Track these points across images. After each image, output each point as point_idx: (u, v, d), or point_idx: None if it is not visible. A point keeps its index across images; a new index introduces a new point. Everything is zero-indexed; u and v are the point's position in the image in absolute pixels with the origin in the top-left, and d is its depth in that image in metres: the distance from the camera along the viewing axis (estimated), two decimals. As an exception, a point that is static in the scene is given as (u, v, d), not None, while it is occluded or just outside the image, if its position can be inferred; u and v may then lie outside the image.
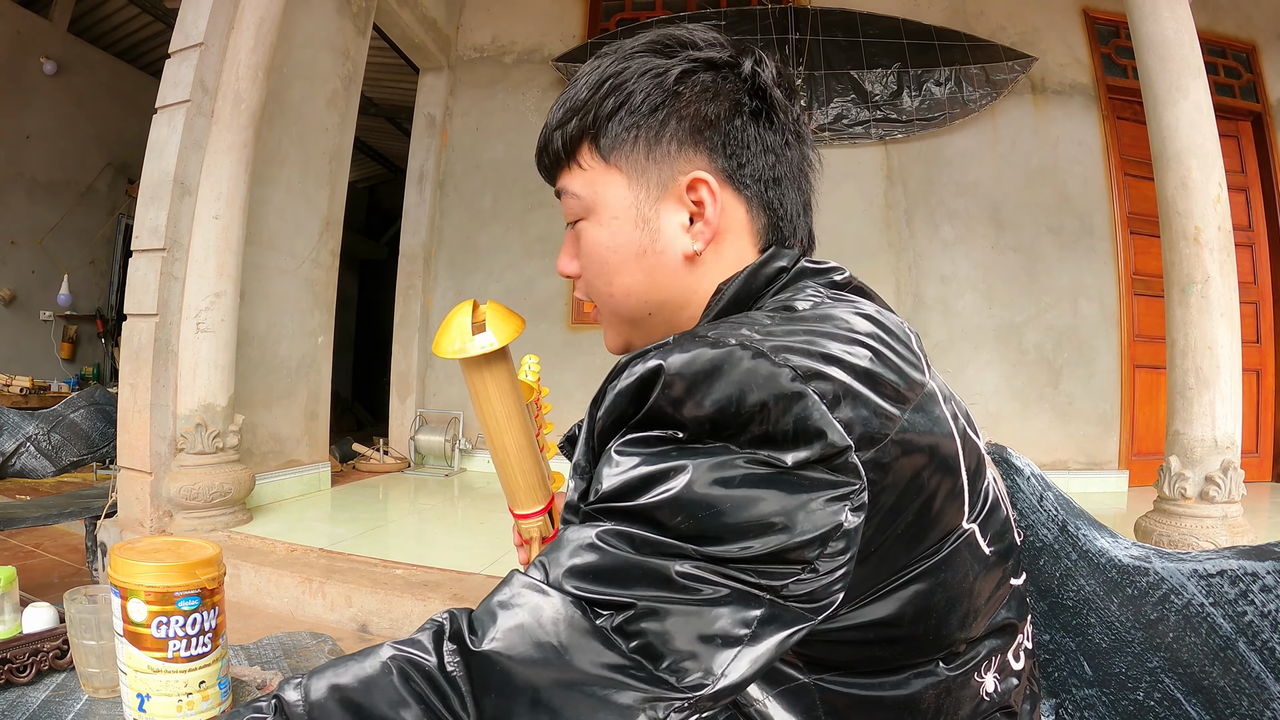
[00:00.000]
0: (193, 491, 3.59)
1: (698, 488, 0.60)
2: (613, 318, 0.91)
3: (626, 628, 0.58)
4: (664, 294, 0.86)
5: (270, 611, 3.09)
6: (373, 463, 5.86)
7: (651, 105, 0.82)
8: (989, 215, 5.87)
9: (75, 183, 8.16)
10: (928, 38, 5.96)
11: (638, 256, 0.85)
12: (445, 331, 0.99)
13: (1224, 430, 3.38)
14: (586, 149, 0.85)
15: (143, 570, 1.06)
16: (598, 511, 0.64)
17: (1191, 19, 3.59)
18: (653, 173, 0.83)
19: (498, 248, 6.22)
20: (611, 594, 0.59)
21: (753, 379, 0.62)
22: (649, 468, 0.62)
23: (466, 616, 0.62)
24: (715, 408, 0.62)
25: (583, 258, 0.88)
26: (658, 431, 0.64)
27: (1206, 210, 3.43)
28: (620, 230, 0.85)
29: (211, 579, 1.11)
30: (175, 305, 3.71)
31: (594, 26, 6.38)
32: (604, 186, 0.84)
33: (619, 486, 0.63)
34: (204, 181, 3.76)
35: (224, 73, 3.85)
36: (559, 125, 0.86)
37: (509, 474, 1.07)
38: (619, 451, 0.65)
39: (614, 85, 0.83)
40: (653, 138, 0.82)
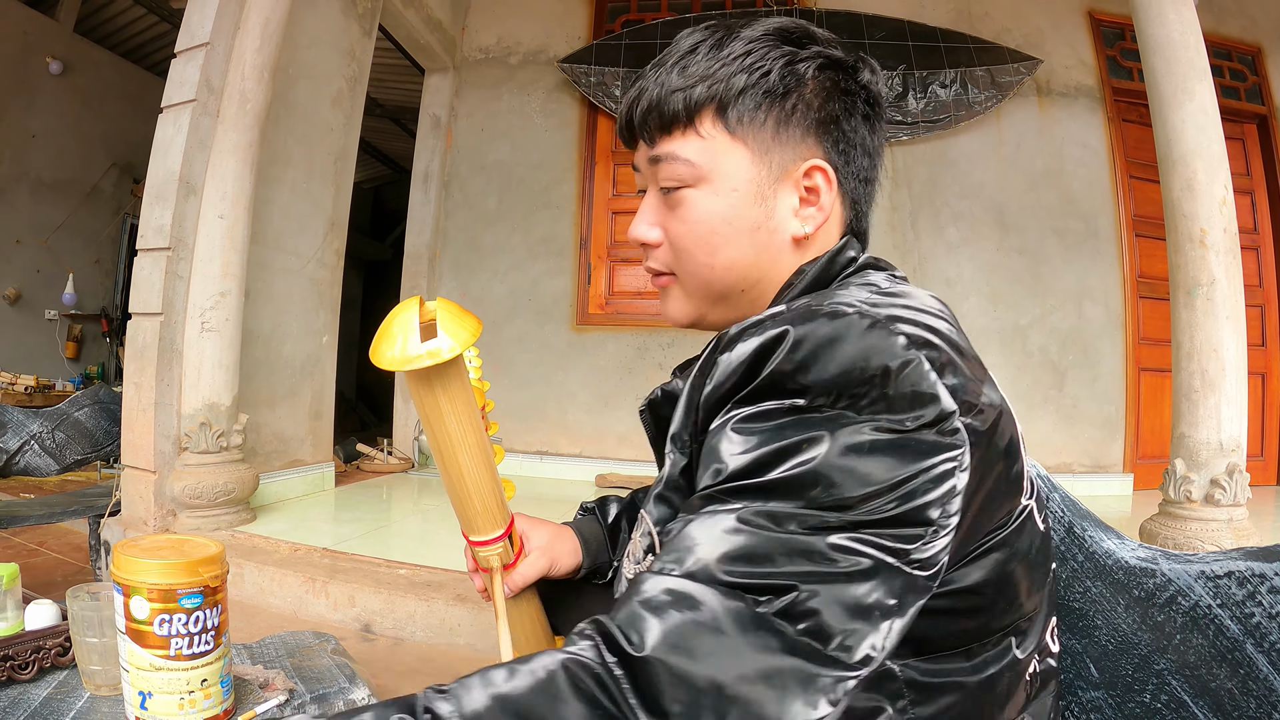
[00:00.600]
0: (197, 490, 3.59)
1: (832, 457, 0.62)
2: (700, 290, 0.91)
3: (792, 610, 0.58)
4: (763, 272, 0.88)
5: (273, 611, 3.09)
6: (376, 463, 5.86)
7: (785, 89, 0.84)
8: (994, 217, 5.86)
9: (80, 182, 8.18)
10: (933, 40, 5.94)
11: (751, 231, 0.86)
12: (385, 335, 0.83)
13: (1229, 433, 3.36)
14: (710, 117, 0.85)
15: (146, 568, 1.07)
16: (727, 492, 0.64)
17: (1197, 21, 3.57)
18: (776, 153, 0.85)
19: (502, 248, 6.21)
20: (768, 577, 0.59)
21: (872, 346, 0.64)
22: (779, 442, 0.63)
23: (613, 625, 0.59)
24: (839, 373, 0.64)
25: (682, 225, 0.88)
26: (775, 401, 0.66)
27: (1212, 212, 3.42)
28: (739, 203, 0.85)
29: (214, 577, 1.11)
30: (180, 304, 3.71)
31: (599, 28, 6.38)
32: (725, 157, 0.85)
33: (750, 463, 0.64)
34: (209, 181, 3.76)
35: (229, 73, 3.85)
36: (681, 88, 0.85)
37: (463, 497, 0.97)
38: (740, 427, 0.66)
39: (749, 63, 0.84)
40: (782, 120, 0.85)
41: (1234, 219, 3.46)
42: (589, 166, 6.20)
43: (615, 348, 5.89)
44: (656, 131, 0.88)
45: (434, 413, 0.88)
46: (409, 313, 0.84)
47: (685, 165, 0.86)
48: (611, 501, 1.30)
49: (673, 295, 0.94)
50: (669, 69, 0.87)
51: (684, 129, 0.86)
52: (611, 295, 6.11)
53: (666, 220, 0.90)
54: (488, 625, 2.74)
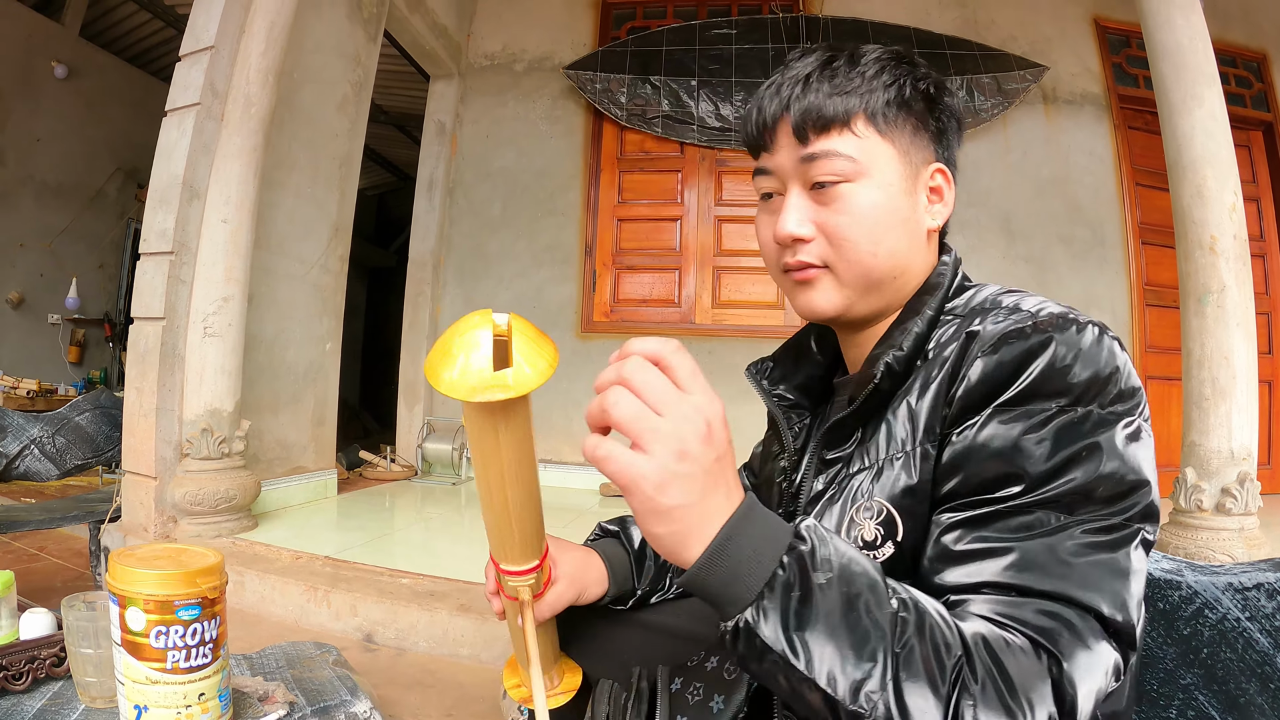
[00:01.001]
0: (198, 497, 3.56)
1: (1119, 458, 0.74)
2: (857, 279, 0.96)
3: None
4: (908, 261, 0.97)
5: (275, 619, 3.06)
6: (379, 470, 5.84)
7: (915, 100, 0.95)
8: (1000, 225, 5.84)
9: (85, 186, 8.18)
10: (939, 47, 5.94)
11: (904, 222, 0.96)
12: (445, 354, 0.72)
13: (1240, 441, 3.34)
14: (863, 120, 0.94)
15: (142, 578, 1.04)
16: (1046, 503, 0.73)
17: (1205, 27, 3.56)
18: (913, 154, 0.96)
19: (507, 255, 6.20)
20: (1122, 609, 0.71)
21: (1101, 350, 0.77)
22: (1069, 448, 0.74)
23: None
24: (1091, 376, 0.76)
25: (842, 217, 0.94)
26: (1042, 403, 0.76)
27: (1222, 219, 3.40)
28: (894, 196, 0.95)
29: (213, 588, 1.09)
30: (183, 309, 3.69)
31: (605, 35, 6.39)
32: (879, 155, 0.94)
33: (1051, 470, 0.74)
34: (213, 185, 3.75)
35: (234, 76, 3.84)
36: (837, 93, 0.94)
37: (503, 528, 0.90)
38: (1026, 429, 0.76)
39: (885, 78, 0.94)
40: (914, 126, 0.96)
41: (1244, 225, 3.44)
42: (594, 174, 6.19)
43: (620, 356, 5.79)
44: (812, 132, 0.94)
45: (489, 444, 0.79)
46: (478, 330, 0.72)
47: (846, 161, 0.93)
48: (633, 523, 1.28)
49: (823, 286, 0.99)
50: (817, 79, 0.95)
51: (840, 129, 0.94)
52: (617, 303, 6.09)
53: (819, 215, 0.96)
54: (491, 637, 2.71)
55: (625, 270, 6.11)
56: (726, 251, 6.03)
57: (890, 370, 0.91)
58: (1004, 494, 0.75)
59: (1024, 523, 0.73)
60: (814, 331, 1.19)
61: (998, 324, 0.82)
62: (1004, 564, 0.72)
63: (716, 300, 5.99)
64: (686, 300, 6.01)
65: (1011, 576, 0.71)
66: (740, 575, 0.67)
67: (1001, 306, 0.87)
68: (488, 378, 0.69)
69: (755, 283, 5.95)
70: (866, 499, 0.89)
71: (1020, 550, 0.72)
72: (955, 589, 0.74)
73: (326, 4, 4.68)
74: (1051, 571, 0.70)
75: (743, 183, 6.03)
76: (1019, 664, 0.65)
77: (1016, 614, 0.69)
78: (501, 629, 2.69)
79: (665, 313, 6.03)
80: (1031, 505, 0.73)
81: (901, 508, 0.85)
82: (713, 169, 6.10)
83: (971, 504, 0.77)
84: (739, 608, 0.67)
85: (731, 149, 5.99)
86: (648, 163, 6.20)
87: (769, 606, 0.66)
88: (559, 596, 1.09)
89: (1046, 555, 0.71)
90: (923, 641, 0.65)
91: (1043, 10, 6.16)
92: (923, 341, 0.92)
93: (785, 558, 0.67)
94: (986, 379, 0.79)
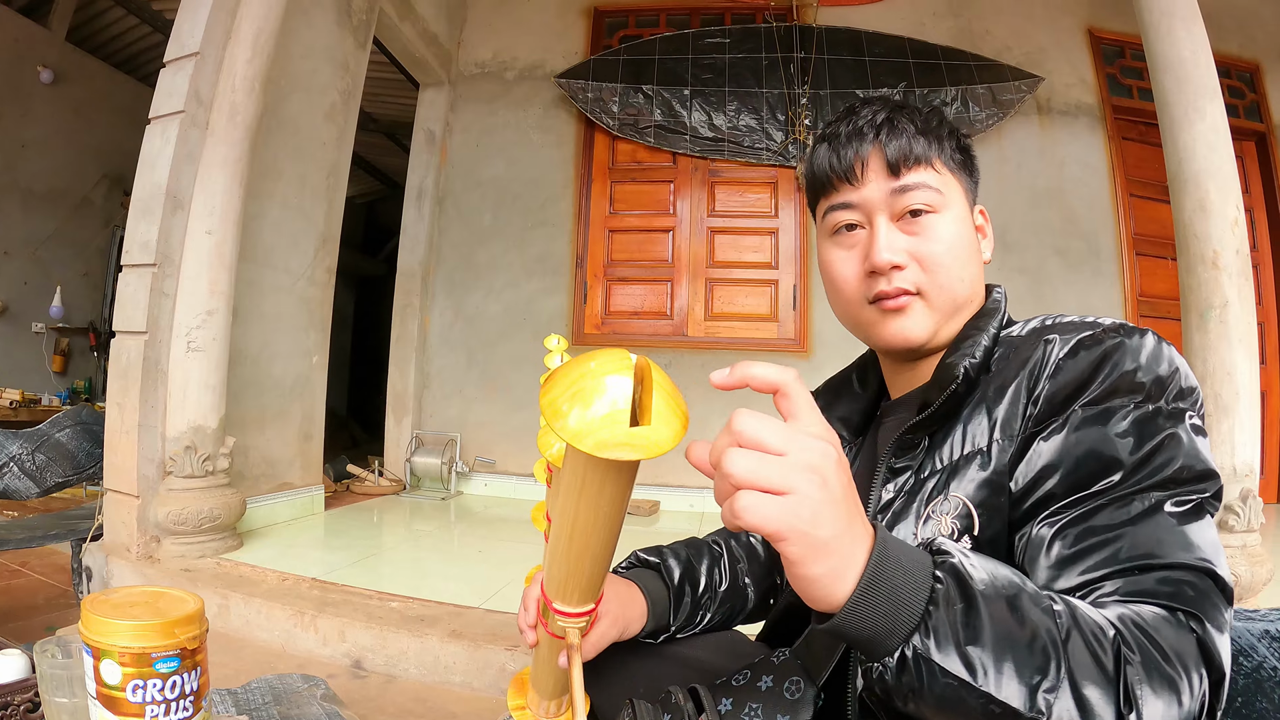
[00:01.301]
0: (181, 516, 3.48)
1: (1193, 446, 0.80)
2: (946, 303, 1.04)
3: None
4: (979, 289, 1.07)
5: (260, 644, 2.98)
6: (367, 485, 5.75)
7: (964, 150, 1.09)
8: (995, 236, 5.75)
9: (71, 193, 8.08)
10: (934, 57, 5.93)
11: (976, 252, 1.07)
12: (575, 395, 0.64)
13: (1243, 458, 3.30)
14: (939, 159, 1.05)
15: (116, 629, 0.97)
16: (1143, 489, 0.78)
17: (1207, 39, 3.54)
18: (969, 194, 1.09)
19: (497, 266, 6.13)
20: (1223, 567, 0.76)
21: (1162, 352, 0.85)
22: (1153, 439, 0.80)
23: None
24: (1159, 375, 0.83)
25: (935, 245, 1.03)
26: (1119, 400, 0.83)
27: (1225, 233, 3.37)
28: (966, 228, 1.06)
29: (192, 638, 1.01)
30: (166, 323, 3.61)
31: (597, 43, 6.34)
32: (954, 190, 1.06)
33: (1141, 460, 0.79)
34: (197, 195, 3.67)
35: (220, 84, 3.77)
36: (921, 132, 1.04)
37: (573, 571, 0.86)
38: (1111, 424, 0.82)
39: (948, 127, 1.08)
40: (965, 170, 1.09)
41: (1246, 240, 3.41)
42: (585, 184, 6.13)
43: (611, 368, 5.74)
44: (904, 165, 1.03)
45: (589, 494, 0.74)
46: (618, 377, 0.65)
47: (934, 193, 1.03)
48: (670, 556, 1.30)
49: (916, 312, 1.04)
50: (902, 121, 1.04)
51: (926, 165, 1.04)
52: (608, 314, 6.03)
53: (910, 244, 1.03)
54: (483, 663, 2.63)
55: (617, 282, 6.05)
56: (719, 263, 5.99)
57: (967, 375, 0.96)
58: (1102, 486, 0.80)
59: (1127, 510, 0.77)
60: (858, 368, 1.26)
61: (1071, 332, 0.90)
62: (1119, 549, 0.75)
63: (709, 312, 5.94)
64: (679, 312, 5.95)
65: (1128, 558, 0.75)
66: (900, 598, 0.64)
67: (1061, 322, 0.95)
68: (621, 434, 0.62)
69: (748, 295, 5.91)
70: (943, 497, 0.94)
71: (1130, 534, 0.76)
72: (1078, 587, 0.76)
73: (315, 10, 4.62)
74: (1163, 545, 0.75)
75: (735, 194, 6.01)
76: (1165, 633, 0.68)
77: (1143, 587, 0.72)
78: (494, 656, 2.62)
79: (657, 325, 5.98)
80: (1130, 493, 0.78)
81: (979, 502, 0.90)
82: (705, 180, 6.05)
83: (1073, 504, 0.81)
84: (901, 636, 0.64)
85: (724, 160, 5.96)
86: (640, 173, 6.15)
87: (937, 625, 0.64)
88: (603, 636, 1.08)
89: (1155, 532, 0.75)
90: (1081, 631, 0.65)
91: (1037, 20, 6.17)
92: (988, 355, 0.99)
93: (938, 571, 0.67)
94: (1069, 380, 0.86)
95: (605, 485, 0.73)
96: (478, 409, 6.01)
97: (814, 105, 5.83)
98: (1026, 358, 0.91)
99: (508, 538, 4.29)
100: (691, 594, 1.25)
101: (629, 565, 1.28)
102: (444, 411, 6.11)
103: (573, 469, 0.74)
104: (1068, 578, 0.77)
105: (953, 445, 0.96)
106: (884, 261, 1.01)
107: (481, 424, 5.96)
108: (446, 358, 6.16)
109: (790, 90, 5.88)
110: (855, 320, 1.10)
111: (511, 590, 3.19)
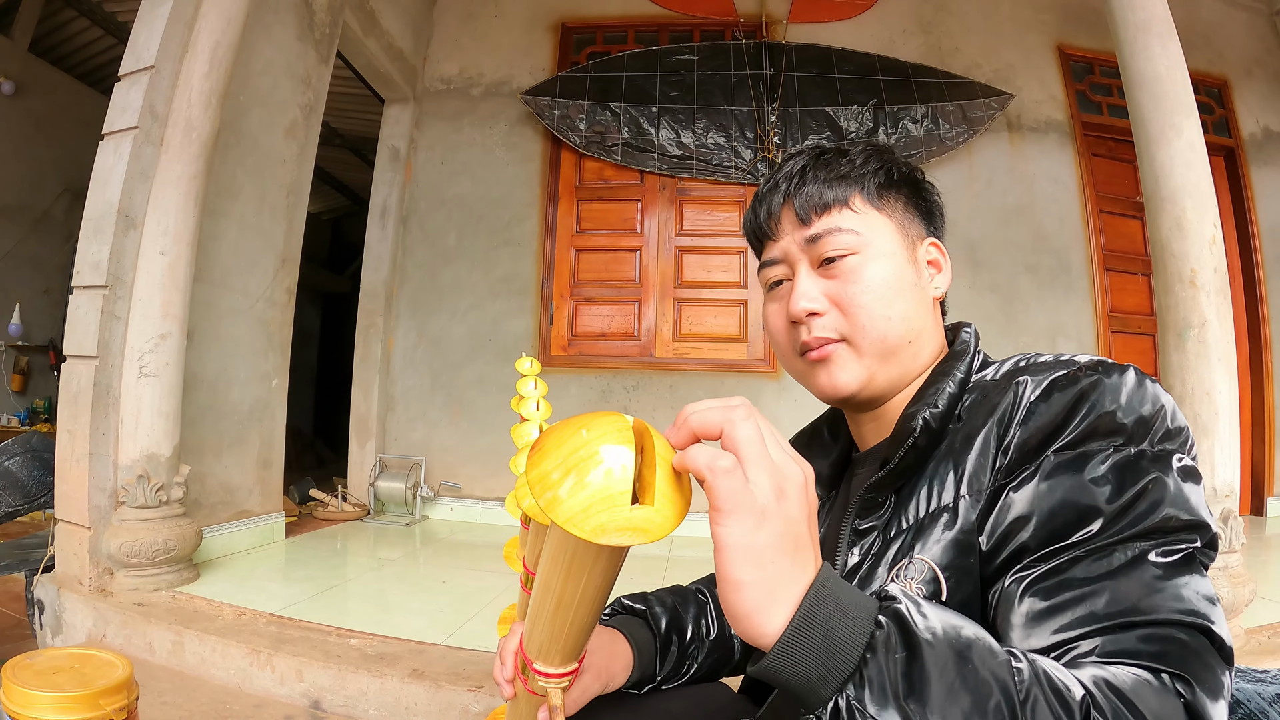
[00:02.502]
0: (134, 548, 3.34)
1: (1180, 492, 0.75)
2: (874, 346, 1.00)
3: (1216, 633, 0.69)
4: (920, 326, 1.02)
5: (216, 683, 2.85)
6: (330, 510, 5.62)
7: (901, 180, 1.05)
8: (965, 254, 5.83)
9: (30, 208, 7.92)
10: (903, 74, 5.95)
11: (912, 288, 1.02)
12: (566, 468, 0.56)
13: (1224, 479, 3.27)
14: (859, 198, 1.02)
15: (39, 701, 0.90)
16: (1124, 540, 0.72)
17: (1182, 56, 3.53)
18: (908, 227, 1.05)
19: (462, 286, 6.04)
20: (1219, 624, 0.69)
21: (1144, 391, 0.80)
22: (1134, 486, 0.74)
23: None
24: (1140, 416, 0.78)
25: (855, 288, 0.99)
26: (1096, 444, 0.77)
27: (1202, 252, 3.34)
28: (898, 264, 1.01)
29: (120, 709, 0.94)
30: (117, 347, 3.49)
31: (564, 60, 6.28)
32: (878, 227, 1.02)
33: (1121, 508, 0.74)
34: (150, 214, 3.56)
35: (175, 99, 3.66)
36: (832, 178, 1.03)
37: (555, 633, 0.79)
38: (1095, 477, 0.76)
39: (874, 163, 1.04)
40: (905, 203, 1.05)
41: (1223, 258, 3.39)
42: (552, 203, 6.06)
43: (578, 390, 5.74)
44: (814, 213, 1.03)
45: (579, 567, 0.69)
46: (616, 448, 0.57)
47: (849, 234, 1.00)
48: (656, 603, 1.26)
49: (842, 359, 1.01)
50: (812, 168, 1.04)
51: (840, 208, 1.02)
52: (574, 336, 5.95)
53: (830, 289, 1.01)
54: (445, 705, 2.52)
55: (583, 302, 5.98)
56: (687, 283, 5.93)
57: (927, 427, 0.91)
58: (1079, 536, 0.74)
59: (1107, 562, 0.72)
60: (828, 419, 1.22)
61: (1044, 373, 0.85)
62: (1098, 604, 0.70)
63: (677, 333, 5.88)
64: (646, 333, 5.89)
65: (1108, 614, 0.69)
66: (835, 645, 0.60)
67: (1037, 361, 0.90)
68: (622, 518, 0.56)
69: (717, 315, 5.86)
70: (908, 560, 0.89)
71: (1110, 588, 0.70)
72: (1052, 647, 0.70)
73: (276, 24, 4.52)
74: (1148, 598, 0.69)
75: (704, 212, 5.96)
76: (1146, 696, 0.62)
77: (1124, 646, 0.66)
78: (457, 697, 2.52)
79: (625, 346, 5.91)
80: (1111, 544, 0.72)
81: (945, 565, 0.85)
82: (673, 198, 6.00)
83: (1048, 555, 0.75)
84: (834, 684, 0.60)
85: (693, 178, 5.92)
86: (607, 191, 6.09)
87: (873, 674, 0.60)
88: (585, 691, 1.05)
89: (1139, 585, 0.70)
90: (1043, 689, 0.60)
91: (1007, 38, 6.23)
92: (954, 403, 0.93)
93: (881, 616, 0.63)
94: (1041, 425, 0.81)
95: (598, 563, 0.68)
96: (442, 432, 5.92)
97: (783, 123, 5.81)
98: (996, 404, 0.87)
99: (473, 566, 4.19)
100: (679, 643, 1.23)
101: (612, 612, 1.24)
102: (408, 435, 6.01)
103: (561, 545, 0.68)
104: (1040, 636, 0.71)
105: (918, 503, 0.92)
106: (799, 310, 1.01)
107: (446, 447, 5.87)
108: (410, 380, 6.06)
109: (759, 108, 5.85)
110: (794, 373, 1.09)
111: (475, 625, 3.08)
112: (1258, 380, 6.26)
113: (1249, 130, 6.50)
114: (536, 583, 0.78)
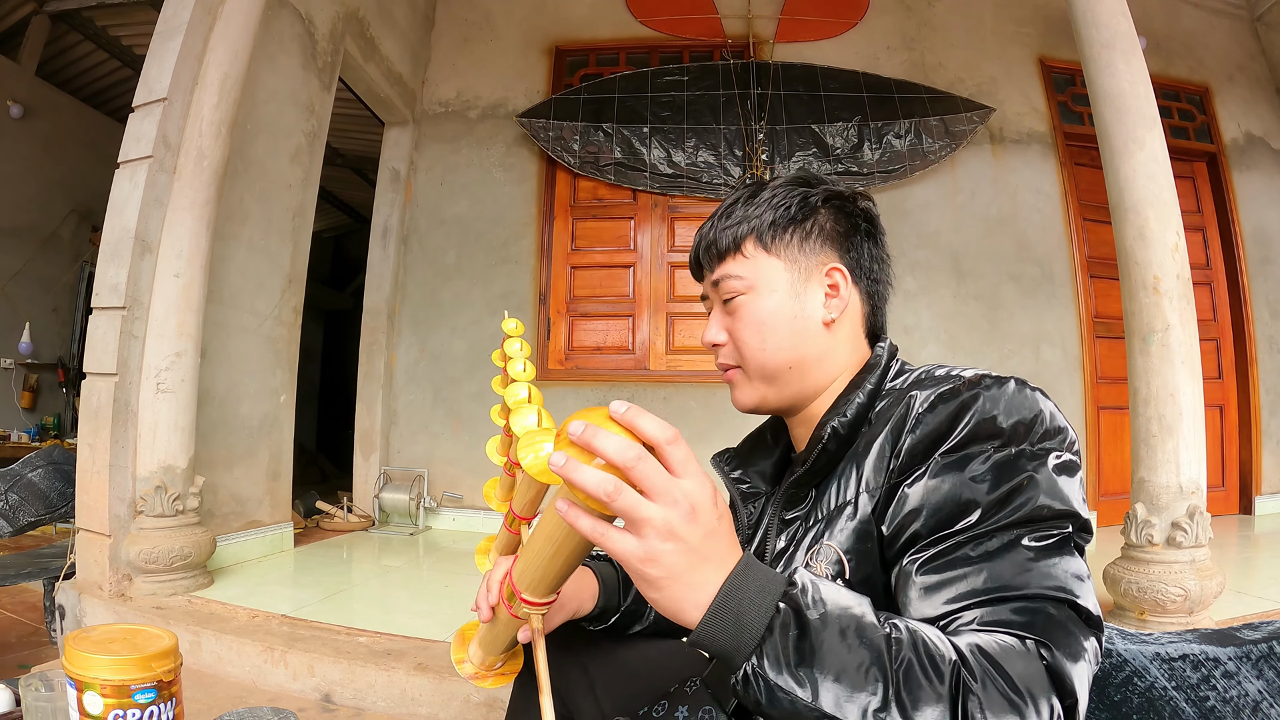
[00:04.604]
0: (152, 555, 3.51)
1: (1053, 485, 0.86)
2: (757, 373, 1.16)
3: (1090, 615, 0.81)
4: (802, 353, 1.14)
5: (232, 680, 3.01)
6: (336, 521, 5.75)
7: (802, 215, 1.15)
8: (950, 265, 5.94)
9: (39, 229, 8.06)
10: (887, 90, 6.05)
11: (790, 320, 1.14)
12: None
13: (1189, 476, 3.38)
14: (751, 243, 1.15)
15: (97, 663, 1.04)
16: (999, 527, 0.84)
17: (1146, 71, 3.63)
18: (802, 261, 1.15)
19: (461, 304, 6.16)
20: (1085, 597, 0.81)
21: (1024, 398, 0.92)
22: (1009, 481, 0.86)
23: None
24: (1018, 420, 0.90)
25: (739, 324, 1.16)
26: (977, 446, 0.90)
27: (1165, 259, 3.46)
28: (780, 301, 1.14)
29: (168, 671, 1.09)
30: (135, 365, 3.65)
31: (558, 82, 6.42)
32: (766, 269, 1.15)
33: (998, 500, 0.86)
34: (165, 239, 3.72)
35: (187, 129, 3.82)
36: (728, 227, 1.17)
37: (546, 572, 0.95)
38: (968, 470, 0.89)
39: (775, 201, 1.15)
40: (803, 237, 1.15)
41: (1186, 265, 3.49)
42: (548, 221, 6.19)
43: (575, 403, 5.80)
44: (714, 261, 1.19)
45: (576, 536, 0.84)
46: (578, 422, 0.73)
47: (738, 280, 1.15)
48: None
49: (739, 382, 1.20)
50: (718, 218, 1.19)
51: (733, 255, 1.17)
52: (571, 350, 6.08)
53: (729, 325, 1.18)
54: (448, 695, 2.69)
55: (579, 317, 6.11)
56: (679, 298, 6.05)
57: (836, 434, 1.06)
58: (962, 525, 0.86)
59: (985, 546, 0.83)
60: (770, 425, 1.36)
61: (931, 387, 0.97)
62: (978, 581, 0.81)
63: (670, 346, 6.00)
64: (640, 347, 6.01)
65: (986, 589, 0.81)
66: (744, 625, 0.74)
67: (934, 375, 1.02)
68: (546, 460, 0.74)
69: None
70: (819, 546, 1.03)
71: (989, 568, 0.82)
72: (940, 616, 0.83)
73: (280, 55, 4.69)
74: (1021, 576, 0.80)
75: (694, 228, 6.00)
76: (1012, 659, 0.73)
77: (999, 617, 0.78)
78: (459, 688, 2.68)
79: (619, 359, 6.03)
80: (989, 531, 0.84)
81: (847, 549, 0.99)
82: (665, 215, 6.14)
83: (935, 541, 0.87)
84: (744, 655, 0.73)
85: (683, 195, 6.05)
86: (600, 210, 6.22)
87: (769, 649, 0.72)
88: (556, 614, 1.29)
89: (1013, 565, 0.81)
90: (918, 656, 0.72)
91: (989, 52, 6.31)
92: (865, 411, 1.07)
93: (780, 603, 0.74)
94: (928, 433, 0.93)
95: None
96: (444, 445, 6.03)
97: (771, 140, 5.94)
98: (891, 414, 1.00)
99: (474, 572, 4.30)
100: None
101: (594, 556, 1.45)
102: (411, 448, 6.13)
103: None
104: (932, 606, 0.84)
105: (829, 497, 1.06)
106: (706, 342, 1.21)
107: (448, 460, 5.97)
108: (413, 395, 6.17)
109: (747, 126, 5.96)
110: None
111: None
112: (1243, 382, 6.32)
113: (1231, 136, 6.59)
114: (537, 531, 0.93)
